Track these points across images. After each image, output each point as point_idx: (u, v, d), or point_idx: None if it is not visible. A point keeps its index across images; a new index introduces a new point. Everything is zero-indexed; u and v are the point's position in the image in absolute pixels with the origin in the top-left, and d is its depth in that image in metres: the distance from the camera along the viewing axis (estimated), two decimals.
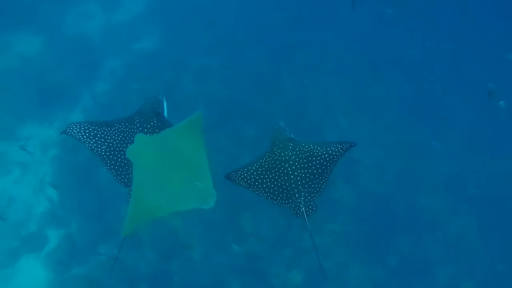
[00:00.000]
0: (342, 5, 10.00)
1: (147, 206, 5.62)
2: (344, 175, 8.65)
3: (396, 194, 8.70)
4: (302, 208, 6.45)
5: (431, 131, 9.13)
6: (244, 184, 6.67)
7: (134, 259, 8.18)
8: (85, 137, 6.29)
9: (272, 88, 8.96)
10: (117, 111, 8.83)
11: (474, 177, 8.98)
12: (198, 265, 8.21)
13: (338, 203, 8.54)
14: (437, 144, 8.88)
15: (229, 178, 6.68)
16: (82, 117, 8.97)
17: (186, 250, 8.27)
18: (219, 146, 8.65)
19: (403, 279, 8.31)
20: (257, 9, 10.05)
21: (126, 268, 8.13)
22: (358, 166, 8.82)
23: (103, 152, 6.24)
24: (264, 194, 6.65)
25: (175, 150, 5.90)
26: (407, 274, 8.33)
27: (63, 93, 9.25)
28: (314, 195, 6.55)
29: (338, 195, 8.55)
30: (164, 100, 6.91)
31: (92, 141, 6.30)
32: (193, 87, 8.28)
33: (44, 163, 8.79)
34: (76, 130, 6.25)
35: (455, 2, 10.42)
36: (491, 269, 8.66)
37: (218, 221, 8.31)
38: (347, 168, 8.69)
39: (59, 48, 9.49)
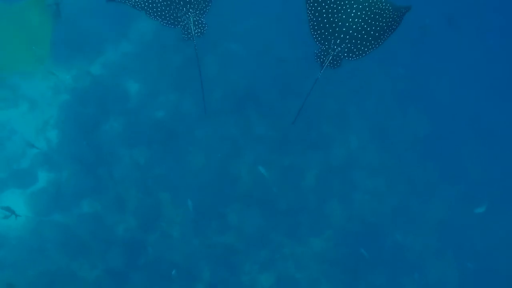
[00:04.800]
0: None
1: None
2: (340, 193, 8.60)
3: (385, 226, 8.61)
4: (329, 57, 5.86)
5: (438, 172, 9.02)
6: None
7: (114, 222, 8.23)
8: None
9: (293, 90, 8.87)
10: (136, 73, 8.88)
11: (467, 226, 8.88)
12: (175, 243, 8.23)
13: (327, 219, 8.49)
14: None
15: None
16: (101, 72, 8.98)
17: (166, 226, 8.30)
18: (226, 133, 8.63)
19: None
20: (300, 11, 9.95)
21: (105, 228, 8.19)
22: (356, 189, 8.74)
23: (143, 4, 6.43)
24: (312, 16, 5.98)
25: (22, 20, 7.01)
26: None
27: (88, 44, 9.24)
28: (350, 56, 5.90)
29: (329, 211, 8.49)
30: None
31: None
32: (213, 68, 8.24)
33: (53, 105, 8.79)
34: None
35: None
36: None
37: (206, 206, 8.31)
38: (344, 187, 8.64)
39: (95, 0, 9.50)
